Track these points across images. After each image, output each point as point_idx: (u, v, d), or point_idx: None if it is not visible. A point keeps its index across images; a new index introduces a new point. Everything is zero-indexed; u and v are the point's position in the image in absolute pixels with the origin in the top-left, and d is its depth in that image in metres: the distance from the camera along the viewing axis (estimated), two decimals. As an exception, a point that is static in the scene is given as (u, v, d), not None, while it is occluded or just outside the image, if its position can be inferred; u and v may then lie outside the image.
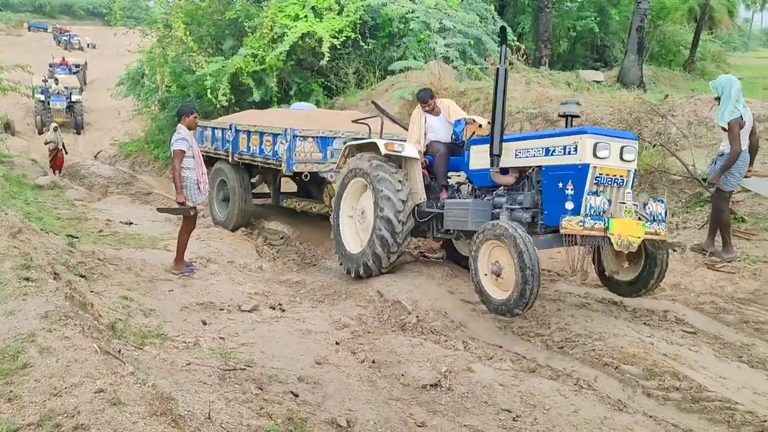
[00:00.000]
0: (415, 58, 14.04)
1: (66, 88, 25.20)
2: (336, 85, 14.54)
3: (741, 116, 6.52)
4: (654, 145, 8.60)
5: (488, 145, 6.01)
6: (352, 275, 6.98)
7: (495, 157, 6.02)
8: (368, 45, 14.00)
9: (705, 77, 20.83)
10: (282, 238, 9.76)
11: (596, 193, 5.26)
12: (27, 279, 3.91)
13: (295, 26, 13.07)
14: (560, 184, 5.49)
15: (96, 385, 2.79)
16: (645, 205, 5.53)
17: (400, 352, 5.00)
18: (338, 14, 13.52)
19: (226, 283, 6.64)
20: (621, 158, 5.41)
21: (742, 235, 7.13)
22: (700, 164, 7.90)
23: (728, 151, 6.60)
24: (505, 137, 6.05)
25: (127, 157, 18.94)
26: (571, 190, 5.38)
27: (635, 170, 5.58)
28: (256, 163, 9.54)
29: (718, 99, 6.72)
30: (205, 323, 5.30)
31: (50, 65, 32.01)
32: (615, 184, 5.47)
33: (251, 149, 9.41)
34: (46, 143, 17.31)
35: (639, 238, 5.31)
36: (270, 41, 13.48)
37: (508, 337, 5.58)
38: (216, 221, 10.43)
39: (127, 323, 4.72)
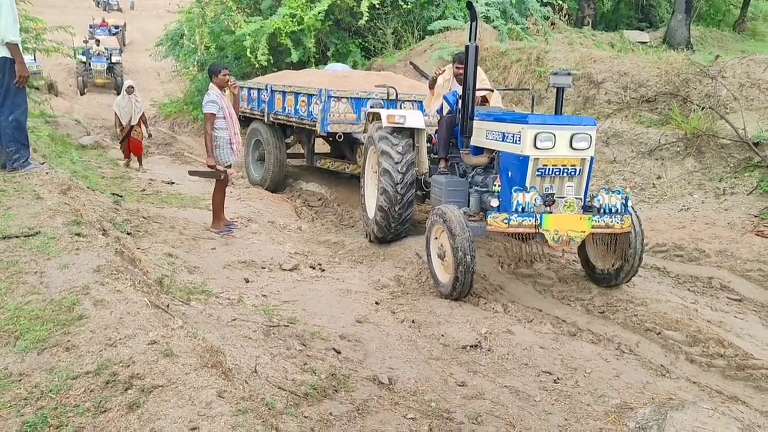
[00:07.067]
0: (454, 17, 13.76)
1: (106, 49, 25.36)
2: (374, 46, 14.36)
3: None
4: (702, 108, 8.33)
5: (478, 120, 5.79)
6: (367, 238, 7.21)
7: (464, 137, 5.88)
8: (407, 4, 13.75)
9: (756, 38, 19.99)
10: (320, 199, 9.83)
11: (525, 189, 4.97)
12: (78, 234, 4.00)
13: (334, -15, 12.90)
14: (509, 173, 5.28)
15: (149, 336, 2.88)
16: (593, 197, 5.20)
17: (440, 313, 5.03)
18: (377, -28, 13.28)
19: (267, 242, 6.73)
20: (571, 147, 5.05)
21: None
22: (751, 128, 7.64)
23: None
24: (484, 114, 5.84)
25: (166, 118, 19.12)
26: (517, 179, 5.15)
27: (592, 157, 5.16)
28: (291, 124, 9.58)
29: None
30: (247, 281, 5.40)
31: (90, 26, 32.22)
32: (565, 174, 5.13)
33: (286, 110, 9.44)
34: (119, 123, 11.40)
35: (583, 232, 5.00)
36: (308, 1, 13.34)
37: (548, 300, 5.56)
38: (252, 181, 10.55)
39: (173, 279, 4.83)
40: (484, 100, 6.59)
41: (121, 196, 7.41)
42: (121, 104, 11.29)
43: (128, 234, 5.57)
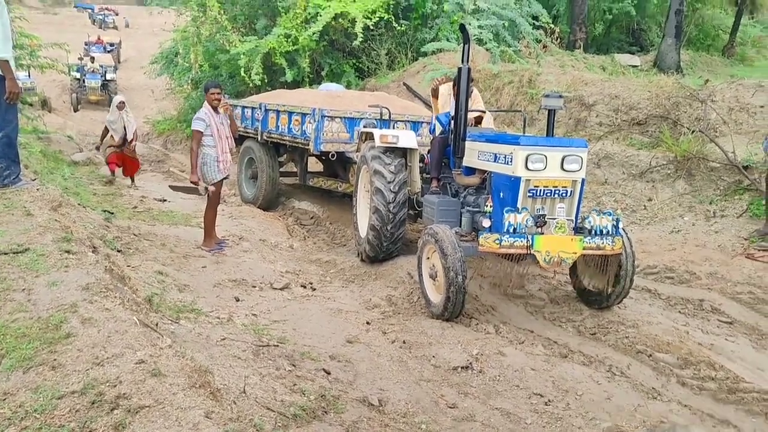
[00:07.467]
0: (447, 39, 13.89)
1: (101, 66, 25.44)
2: (368, 67, 14.47)
3: None
4: (692, 131, 8.42)
5: (470, 141, 5.86)
6: (359, 258, 7.19)
7: (456, 158, 5.93)
8: (401, 26, 13.89)
9: (744, 63, 20.27)
10: (312, 218, 9.82)
11: (517, 210, 4.99)
12: (68, 251, 3.97)
13: (329, 6, 13.03)
14: (501, 194, 5.32)
15: (137, 356, 2.84)
16: (585, 218, 5.23)
17: (431, 333, 5.01)
18: (372, -6, 13.42)
19: (258, 261, 6.70)
20: (562, 168, 5.08)
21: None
22: (740, 151, 7.71)
23: None
24: (476, 135, 5.90)
25: (159, 135, 19.12)
26: (508, 200, 5.18)
27: (583, 179, 5.21)
28: (284, 142, 9.61)
29: None
30: (237, 300, 5.36)
31: (86, 44, 32.33)
32: (557, 196, 5.16)
33: (280, 128, 9.47)
34: (106, 134, 11.13)
35: (574, 253, 5.02)
36: (303, 21, 13.46)
37: (539, 322, 5.55)
38: (244, 199, 10.54)
39: (162, 298, 4.78)
40: (477, 121, 6.64)
41: (112, 213, 7.38)
42: (111, 120, 10.95)
43: (118, 251, 5.54)
